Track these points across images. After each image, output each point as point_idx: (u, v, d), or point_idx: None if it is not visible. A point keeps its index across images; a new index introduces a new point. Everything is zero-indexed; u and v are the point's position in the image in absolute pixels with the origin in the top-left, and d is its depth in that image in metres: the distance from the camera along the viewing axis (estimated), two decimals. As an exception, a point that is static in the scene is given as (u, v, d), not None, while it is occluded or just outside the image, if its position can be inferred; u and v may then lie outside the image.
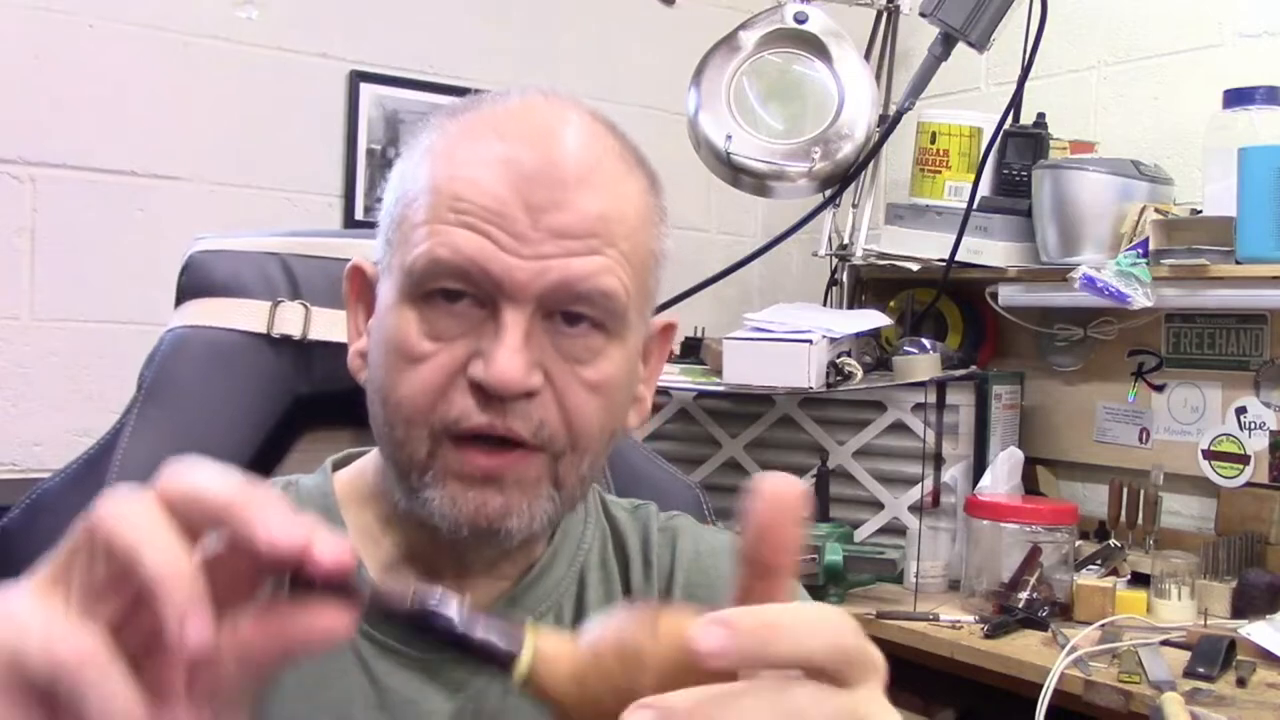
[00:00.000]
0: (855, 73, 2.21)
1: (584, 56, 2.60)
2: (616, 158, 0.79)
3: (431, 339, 0.74)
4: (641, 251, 0.78)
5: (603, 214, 0.75)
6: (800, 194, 2.26)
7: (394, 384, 0.75)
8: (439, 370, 0.74)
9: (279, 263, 1.09)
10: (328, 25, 2.31)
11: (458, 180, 0.75)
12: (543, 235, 0.73)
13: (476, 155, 0.75)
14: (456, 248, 0.73)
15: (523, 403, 0.73)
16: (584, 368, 0.76)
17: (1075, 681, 1.58)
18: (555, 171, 0.74)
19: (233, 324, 1.06)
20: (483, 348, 0.73)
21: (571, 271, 0.74)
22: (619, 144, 0.80)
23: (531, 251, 0.73)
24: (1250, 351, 2.09)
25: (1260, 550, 1.95)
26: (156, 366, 1.04)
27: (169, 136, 2.16)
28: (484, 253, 0.73)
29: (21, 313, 2.06)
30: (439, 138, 0.79)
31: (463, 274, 0.73)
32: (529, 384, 0.73)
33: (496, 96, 0.81)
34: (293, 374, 1.07)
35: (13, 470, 2.05)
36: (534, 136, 0.76)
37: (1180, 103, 2.26)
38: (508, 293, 0.73)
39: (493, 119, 0.78)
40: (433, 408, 0.74)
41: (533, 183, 0.74)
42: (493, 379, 0.72)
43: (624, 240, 0.76)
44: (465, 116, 0.79)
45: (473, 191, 0.74)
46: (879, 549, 1.94)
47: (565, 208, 0.74)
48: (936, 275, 2.26)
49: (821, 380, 2.00)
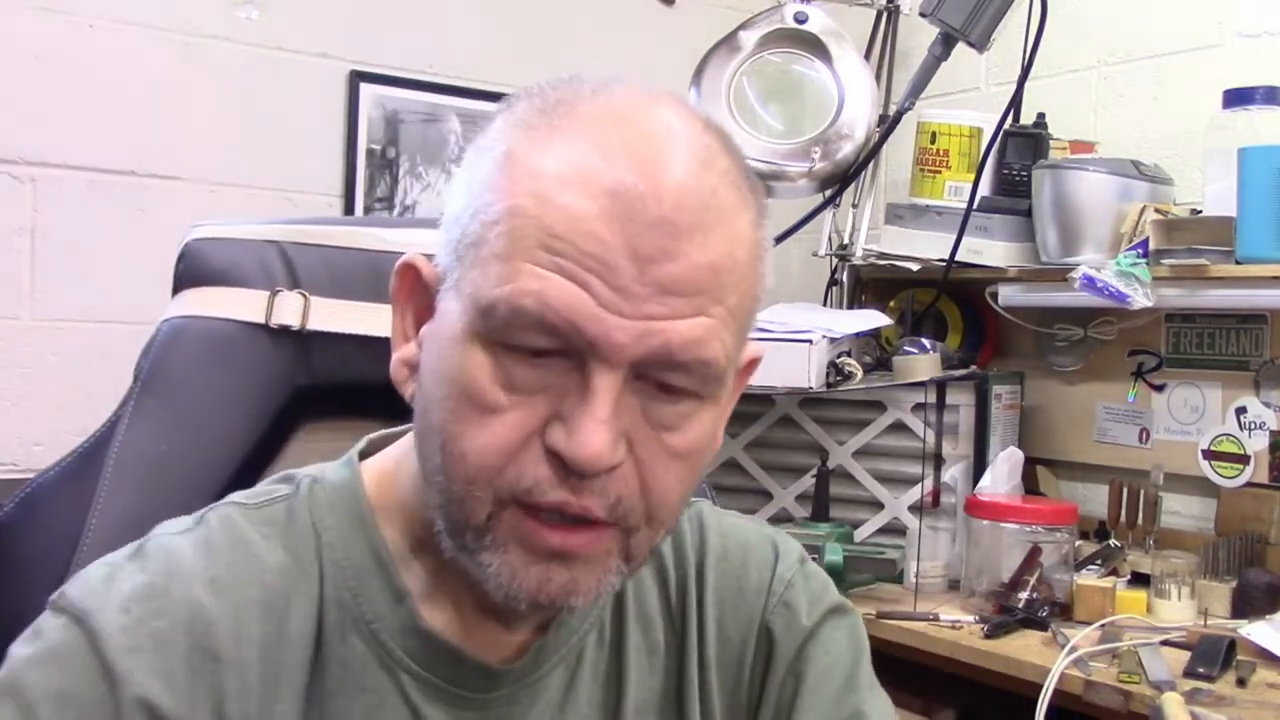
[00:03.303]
0: (855, 73, 2.21)
1: (584, 56, 2.60)
2: (730, 186, 0.68)
3: (507, 389, 0.65)
4: (748, 300, 0.69)
5: (714, 265, 0.65)
6: (800, 194, 2.26)
7: (459, 434, 0.66)
8: (513, 429, 0.65)
9: (277, 251, 1.06)
10: (328, 25, 2.31)
11: (553, 209, 0.64)
12: (649, 290, 0.63)
13: (574, 176, 0.64)
14: (547, 301, 0.63)
15: (602, 478, 0.65)
16: (671, 435, 0.68)
17: (1075, 681, 1.58)
18: (668, 209, 0.64)
19: (230, 314, 1.04)
20: (566, 412, 0.64)
21: (676, 336, 0.64)
22: (731, 164, 0.69)
23: (634, 310, 0.63)
24: (1250, 351, 2.08)
25: (1260, 550, 1.94)
26: (153, 357, 1.03)
27: (169, 136, 2.16)
28: (581, 308, 0.63)
29: (21, 313, 2.05)
30: (524, 140, 0.67)
31: (552, 329, 0.64)
32: (614, 459, 0.65)
33: (595, 89, 0.69)
34: (291, 365, 1.04)
35: (13, 470, 2.05)
36: (641, 158, 0.65)
37: (1180, 103, 2.25)
38: (603, 354, 0.64)
39: (591, 125, 0.67)
40: (502, 471, 0.66)
41: (641, 223, 0.63)
42: (575, 454, 0.64)
43: (732, 293, 0.67)
44: (556, 115, 0.68)
45: (571, 228, 0.63)
46: (879, 549, 1.94)
47: (677, 257, 0.64)
48: (936, 275, 2.26)
49: (821, 380, 2.00)
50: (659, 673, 0.81)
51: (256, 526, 0.74)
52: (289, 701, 0.70)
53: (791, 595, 0.83)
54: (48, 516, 1.00)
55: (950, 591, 2.01)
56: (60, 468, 1.03)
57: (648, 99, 0.69)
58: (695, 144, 0.67)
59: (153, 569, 0.70)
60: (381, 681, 0.72)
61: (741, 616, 0.83)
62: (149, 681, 0.66)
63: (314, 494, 0.76)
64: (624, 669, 0.79)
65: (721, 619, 0.82)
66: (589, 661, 0.79)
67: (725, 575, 0.83)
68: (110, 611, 0.67)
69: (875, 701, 0.83)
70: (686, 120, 0.69)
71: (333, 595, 0.73)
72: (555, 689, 0.77)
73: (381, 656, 0.72)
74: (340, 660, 0.72)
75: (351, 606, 0.73)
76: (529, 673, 0.76)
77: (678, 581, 0.83)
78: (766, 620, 0.82)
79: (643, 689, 0.80)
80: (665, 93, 0.70)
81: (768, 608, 0.83)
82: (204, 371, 1.03)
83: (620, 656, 0.80)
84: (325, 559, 0.73)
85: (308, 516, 0.75)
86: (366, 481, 0.77)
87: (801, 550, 0.88)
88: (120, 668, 0.66)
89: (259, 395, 1.04)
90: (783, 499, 2.17)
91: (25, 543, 0.98)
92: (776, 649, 0.82)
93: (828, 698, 0.81)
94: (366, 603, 0.73)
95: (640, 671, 0.80)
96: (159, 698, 0.66)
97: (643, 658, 0.80)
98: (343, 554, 0.74)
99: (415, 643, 0.73)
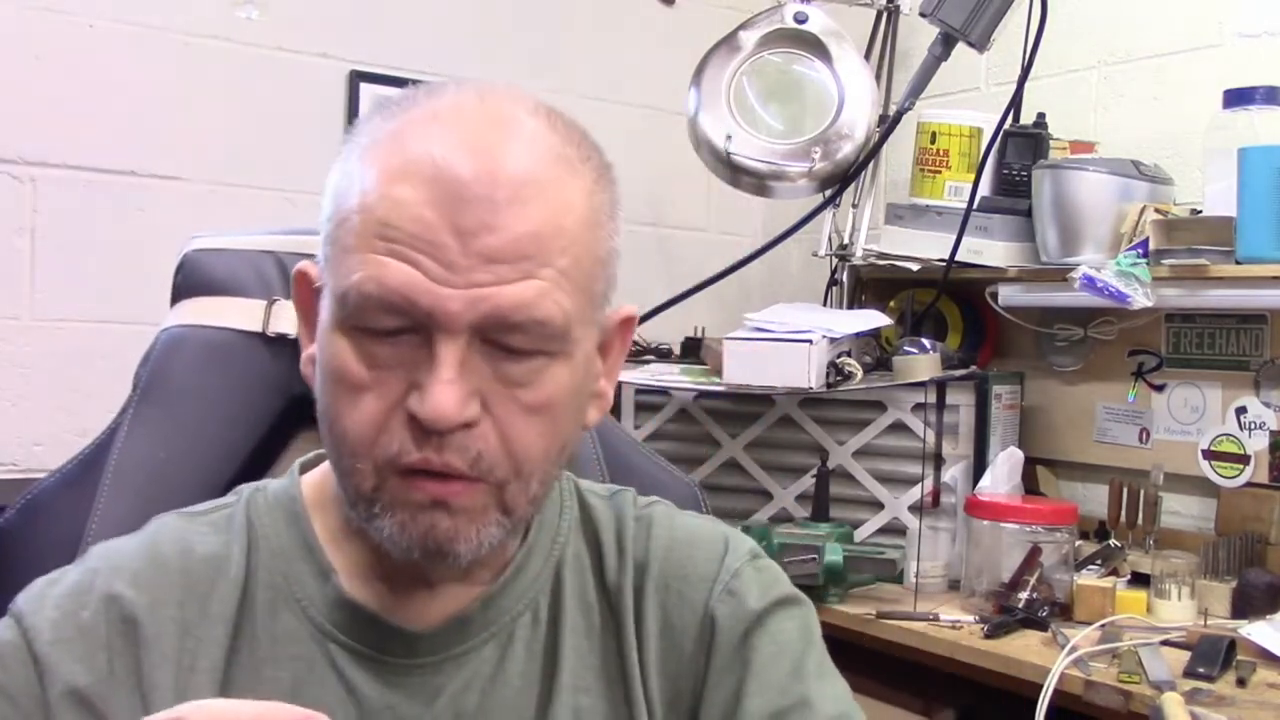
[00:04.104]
0: (855, 73, 2.21)
1: (584, 56, 2.60)
2: (555, 161, 0.75)
3: (370, 367, 0.73)
4: (586, 260, 0.75)
5: (537, 232, 0.72)
6: (800, 194, 2.26)
7: (338, 414, 0.74)
8: (379, 403, 0.73)
9: (274, 261, 1.09)
10: (328, 25, 2.31)
11: (385, 201, 0.72)
12: (474, 261, 0.70)
13: (401, 170, 0.72)
14: (384, 281, 0.71)
15: (460, 435, 0.72)
16: (525, 391, 0.74)
17: (1075, 681, 1.58)
18: (486, 188, 0.71)
19: (228, 323, 1.05)
20: (419, 379, 0.72)
21: (505, 299, 0.71)
22: (560, 140, 0.76)
23: (463, 280, 0.70)
24: (1250, 351, 2.08)
25: (1260, 550, 1.94)
26: (151, 366, 1.04)
27: (169, 136, 2.16)
28: (412, 284, 0.70)
29: (21, 313, 2.06)
30: (369, 144, 0.75)
31: (393, 308, 0.71)
32: (464, 417, 0.72)
33: (432, 92, 0.77)
34: (288, 373, 1.05)
35: (13, 470, 2.05)
36: (465, 145, 0.72)
37: (1180, 103, 2.25)
38: (440, 324, 0.71)
39: (424, 122, 0.74)
40: (375, 441, 0.73)
41: (462, 202, 0.70)
42: (427, 414, 0.71)
43: (562, 255, 0.73)
44: (398, 117, 0.76)
45: (400, 215, 0.71)
46: (879, 549, 1.94)
47: (497, 229, 0.71)
48: (936, 275, 2.26)
49: (821, 380, 2.00)
50: (597, 652, 0.84)
51: (197, 528, 0.83)
52: (207, 672, 0.77)
53: (737, 584, 0.85)
54: (48, 523, 1.01)
55: (950, 591, 2.01)
56: (60, 474, 1.04)
57: (475, 95, 0.76)
58: (518, 129, 0.75)
59: (85, 569, 0.80)
60: (310, 651, 0.79)
61: (686, 604, 0.85)
62: (74, 668, 0.75)
63: (254, 499, 0.85)
64: (559, 646, 0.83)
65: (665, 605, 0.85)
66: (522, 639, 0.82)
67: (671, 564, 0.86)
68: (45, 611, 0.77)
69: (825, 688, 0.84)
70: (512, 108, 0.76)
71: (265, 579, 0.81)
72: (487, 662, 0.81)
73: (310, 630, 0.80)
74: (270, 634, 0.79)
75: (283, 587, 0.81)
76: (454, 644, 0.81)
77: (616, 567, 0.86)
78: (711, 607, 0.84)
79: (581, 666, 0.83)
80: (499, 86, 0.78)
81: (713, 595, 0.85)
82: (202, 379, 1.05)
83: (556, 635, 0.83)
84: (260, 549, 0.82)
85: (244, 517, 0.84)
86: (304, 483, 0.85)
87: (755, 547, 0.89)
88: (49, 660, 0.75)
89: (256, 403, 1.06)
90: (783, 499, 2.17)
91: (26, 549, 0.99)
92: (719, 635, 0.83)
93: (774, 684, 0.82)
94: (296, 583, 0.81)
95: (577, 650, 0.83)
96: (82, 680, 0.75)
97: (580, 638, 0.83)
98: (276, 544, 0.82)
99: (341, 614, 0.80)
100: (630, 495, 0.91)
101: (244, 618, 0.80)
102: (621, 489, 0.92)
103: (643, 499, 0.91)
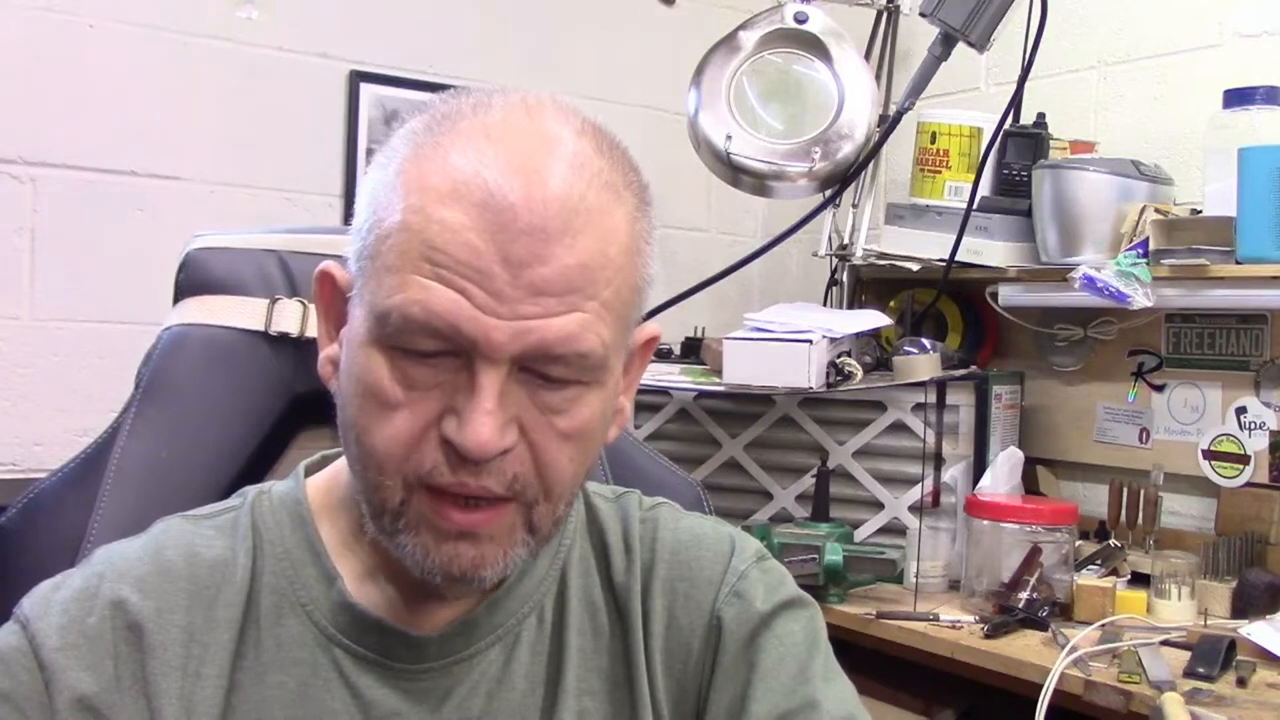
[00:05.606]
0: (855, 73, 2.21)
1: (584, 56, 2.60)
2: (603, 188, 0.74)
3: (405, 387, 0.72)
4: (626, 290, 0.75)
5: (585, 265, 0.71)
6: (800, 194, 2.26)
7: (366, 428, 0.74)
8: (412, 422, 0.72)
9: (277, 260, 1.08)
10: (328, 25, 2.31)
11: (433, 224, 0.70)
12: (521, 293, 0.70)
13: (451, 191, 0.71)
14: (429, 306, 0.70)
15: (498, 459, 0.72)
16: (560, 418, 0.74)
17: (1075, 681, 1.58)
18: (538, 219, 0.70)
19: (230, 321, 1.05)
20: (457, 405, 0.71)
21: (550, 333, 0.71)
22: (607, 165, 0.75)
23: (509, 310, 0.70)
24: (1250, 351, 2.08)
25: (1260, 550, 1.94)
26: (154, 365, 1.04)
27: (169, 136, 2.16)
28: (459, 312, 0.70)
29: (21, 313, 2.05)
30: (413, 156, 0.74)
31: (436, 333, 0.70)
32: (503, 445, 0.72)
33: (477, 105, 0.76)
34: (290, 372, 1.06)
35: (13, 470, 2.05)
36: (513, 169, 0.71)
37: (1180, 103, 2.26)
38: (483, 353, 0.71)
39: (468, 140, 0.73)
40: (406, 458, 0.73)
41: (512, 231, 0.70)
42: (467, 444, 0.70)
43: (606, 287, 0.73)
44: (439, 132, 0.74)
45: (448, 240, 0.70)
46: (879, 549, 1.94)
47: (548, 260, 0.70)
48: (936, 275, 2.26)
49: (821, 380, 2.00)
50: (602, 653, 0.84)
51: (202, 532, 0.83)
52: (213, 678, 0.77)
53: (744, 586, 0.85)
54: (50, 522, 1.00)
55: (950, 591, 2.01)
56: (62, 473, 1.03)
57: (524, 111, 0.75)
58: (566, 151, 0.73)
59: (91, 573, 0.80)
60: (316, 655, 0.79)
61: (692, 605, 0.85)
62: (80, 674, 0.75)
63: (259, 502, 0.84)
64: (565, 649, 0.83)
65: (671, 607, 0.85)
66: (527, 642, 0.82)
67: (677, 566, 0.86)
68: (51, 616, 0.77)
69: (831, 690, 0.84)
70: (560, 129, 0.75)
71: (270, 583, 0.81)
72: (492, 665, 0.81)
73: (316, 635, 0.80)
74: (276, 639, 0.79)
75: (288, 592, 0.81)
76: (460, 648, 0.81)
77: (624, 568, 0.86)
78: (717, 609, 0.85)
79: (585, 668, 0.83)
80: (545, 100, 0.77)
81: (719, 597, 0.85)
82: (204, 378, 1.04)
83: (561, 637, 0.83)
84: (266, 554, 0.82)
85: (249, 520, 0.83)
86: (310, 487, 0.85)
87: (761, 548, 0.90)
88: (55, 666, 0.75)
89: (259, 402, 1.05)
90: (783, 499, 2.17)
91: (28, 548, 0.99)
92: (725, 636, 0.84)
93: (780, 686, 0.82)
94: (302, 587, 0.81)
95: (582, 652, 0.83)
96: (89, 687, 0.75)
97: (585, 639, 0.84)
98: (281, 548, 0.82)
99: (346, 619, 0.80)
100: (636, 497, 0.91)
101: (249, 623, 0.79)
102: (627, 490, 0.92)
103: (648, 500, 0.91)
